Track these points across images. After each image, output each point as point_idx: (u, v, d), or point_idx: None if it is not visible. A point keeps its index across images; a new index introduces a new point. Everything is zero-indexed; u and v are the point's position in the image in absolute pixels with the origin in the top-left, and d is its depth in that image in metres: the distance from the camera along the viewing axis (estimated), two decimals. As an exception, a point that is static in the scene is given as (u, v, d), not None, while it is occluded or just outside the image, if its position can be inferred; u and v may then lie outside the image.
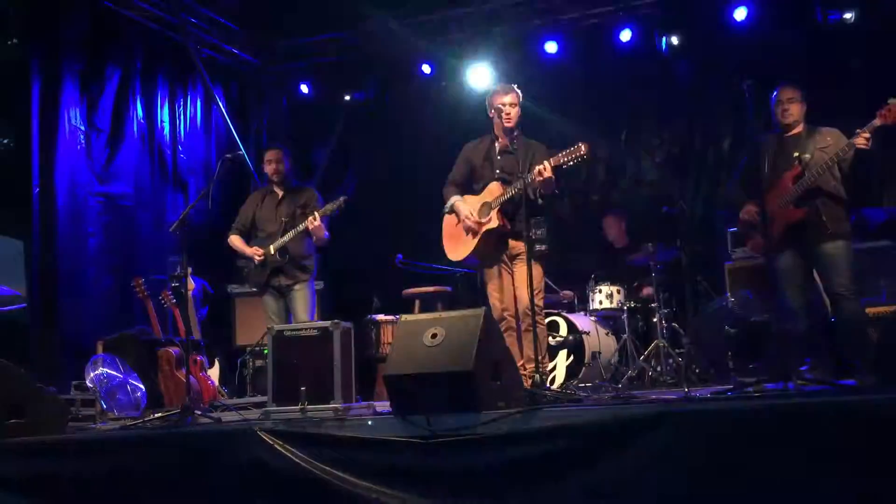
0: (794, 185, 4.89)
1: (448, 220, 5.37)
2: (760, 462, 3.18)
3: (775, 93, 5.15)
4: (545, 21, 8.34)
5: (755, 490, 3.17)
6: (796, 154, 4.95)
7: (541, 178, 4.77)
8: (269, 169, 6.22)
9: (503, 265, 5.14)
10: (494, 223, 5.01)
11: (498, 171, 5.14)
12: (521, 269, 4.96)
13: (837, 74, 7.49)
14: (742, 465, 3.20)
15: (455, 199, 5.24)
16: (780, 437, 3.16)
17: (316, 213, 5.77)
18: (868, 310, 5.34)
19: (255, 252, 5.98)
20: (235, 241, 6.19)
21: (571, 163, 4.76)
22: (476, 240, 5.10)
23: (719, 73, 7.81)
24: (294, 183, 6.30)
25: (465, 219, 5.13)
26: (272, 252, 5.92)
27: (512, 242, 5.08)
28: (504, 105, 5.10)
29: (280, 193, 6.18)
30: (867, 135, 4.67)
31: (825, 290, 4.94)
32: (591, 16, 8.27)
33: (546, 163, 4.78)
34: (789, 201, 4.89)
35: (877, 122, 4.65)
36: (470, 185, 5.31)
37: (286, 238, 5.89)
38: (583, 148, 4.70)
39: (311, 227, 5.77)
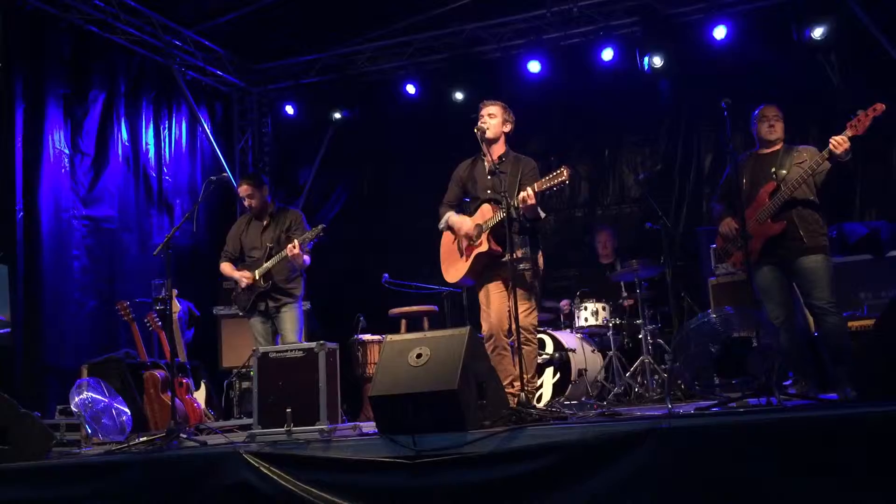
0: (770, 200, 4.95)
1: (445, 239, 5.37)
2: (745, 477, 3.20)
3: (757, 111, 5.20)
4: (528, 41, 8.43)
5: (740, 505, 3.19)
6: (773, 169, 5.01)
7: (524, 205, 4.79)
8: (246, 204, 6.23)
9: (498, 284, 5.13)
10: (485, 247, 5.02)
11: (489, 192, 5.14)
12: (517, 289, 4.98)
13: (815, 91, 7.60)
14: (727, 481, 3.22)
15: (450, 215, 5.25)
16: (763, 452, 3.19)
17: (295, 241, 5.78)
18: (849, 323, 5.38)
19: (242, 276, 6.00)
20: (226, 268, 6.22)
21: (554, 188, 4.79)
22: (468, 263, 5.11)
23: (700, 91, 7.91)
24: (277, 206, 6.30)
25: (459, 229, 5.13)
26: (257, 277, 5.93)
27: (505, 264, 5.09)
28: (482, 116, 5.15)
29: (265, 219, 6.19)
30: (840, 141, 4.71)
31: (806, 305, 4.98)
32: (573, 35, 8.37)
33: (530, 189, 4.81)
34: (767, 216, 4.94)
35: (848, 132, 4.71)
36: (465, 206, 5.33)
37: (269, 264, 5.91)
38: (564, 173, 4.72)
39: (290, 254, 5.78)
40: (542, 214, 4.97)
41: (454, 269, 5.25)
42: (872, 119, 4.65)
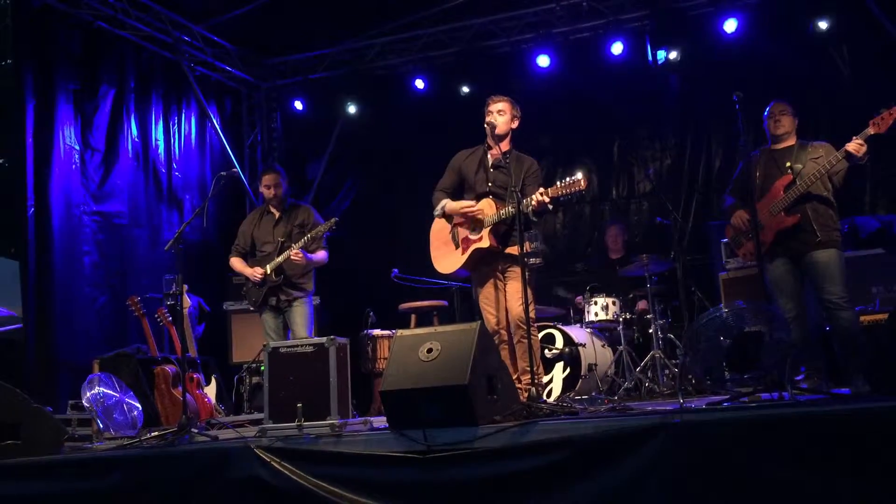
0: (784, 193, 4.92)
1: (437, 226, 5.34)
2: (757, 472, 3.19)
3: (768, 108, 5.19)
4: (537, 35, 8.40)
5: (752, 500, 3.18)
6: (788, 164, 4.99)
7: (536, 206, 4.78)
8: (267, 194, 6.25)
9: (496, 279, 5.14)
10: (486, 243, 5.01)
11: (490, 185, 5.14)
12: (512, 282, 4.98)
13: (826, 84, 7.56)
14: (738, 475, 3.21)
15: (447, 201, 5.23)
16: (775, 447, 3.17)
17: (295, 248, 5.83)
18: (861, 318, 5.36)
19: (253, 272, 6.02)
20: (236, 263, 6.25)
21: (569, 196, 4.77)
22: (465, 256, 5.10)
23: (710, 85, 7.87)
24: (289, 201, 6.33)
25: (463, 209, 5.09)
26: (269, 272, 5.96)
27: (503, 259, 5.08)
28: (491, 112, 5.14)
29: (277, 213, 6.21)
30: (860, 141, 4.69)
31: (818, 299, 4.96)
32: (583, 29, 8.34)
33: (543, 190, 4.79)
34: (780, 209, 4.92)
35: (870, 130, 4.68)
36: (460, 194, 5.30)
37: (281, 259, 5.93)
38: (582, 182, 4.70)
39: (293, 259, 5.82)
40: (551, 206, 4.94)
41: (448, 261, 5.23)
42: None
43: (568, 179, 4.74)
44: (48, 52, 7.25)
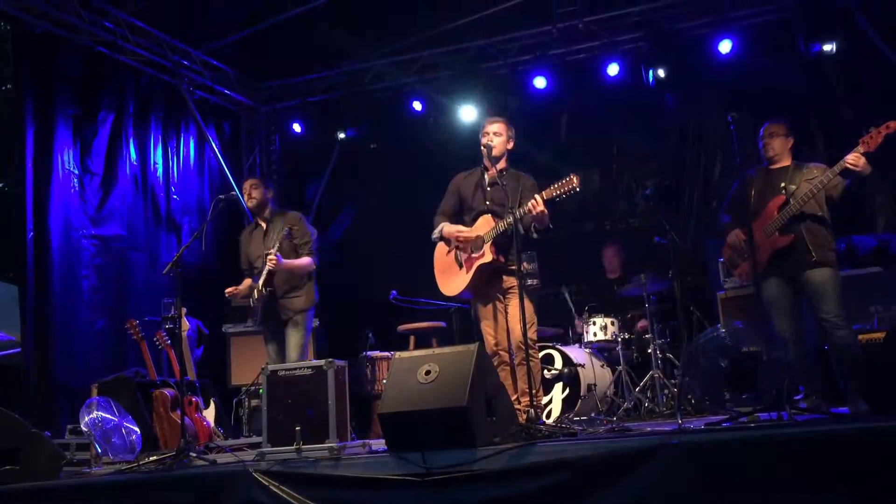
0: (778, 213, 4.94)
1: (439, 250, 5.36)
2: (755, 492, 3.19)
3: (762, 129, 5.22)
4: (534, 56, 8.46)
5: (751, 521, 3.17)
6: (783, 184, 5.00)
7: (533, 213, 4.79)
8: (249, 202, 6.13)
9: (497, 300, 5.15)
10: (488, 257, 5.03)
11: (488, 203, 5.17)
12: (514, 303, 4.98)
13: (821, 103, 7.61)
14: (737, 496, 3.20)
15: (444, 225, 5.26)
16: (774, 467, 3.17)
17: (271, 251, 5.65)
18: (860, 336, 5.35)
19: (247, 290, 5.95)
20: (244, 284, 6.09)
21: (564, 195, 4.79)
22: (470, 275, 5.11)
23: (706, 106, 7.92)
24: (275, 209, 6.17)
25: (458, 233, 5.13)
26: (259, 287, 5.82)
27: (505, 277, 5.09)
28: (487, 133, 5.17)
29: (264, 225, 6.12)
30: (857, 154, 4.70)
31: (815, 319, 4.96)
32: (579, 51, 8.40)
33: (537, 196, 4.80)
34: (774, 229, 4.93)
35: (860, 149, 4.70)
36: (460, 217, 5.33)
37: (264, 271, 5.76)
38: (574, 180, 4.73)
39: (270, 266, 5.66)
40: (551, 225, 4.97)
41: (453, 282, 5.23)
42: (885, 137, 4.62)
43: (561, 180, 4.76)
44: (48, 78, 7.30)
